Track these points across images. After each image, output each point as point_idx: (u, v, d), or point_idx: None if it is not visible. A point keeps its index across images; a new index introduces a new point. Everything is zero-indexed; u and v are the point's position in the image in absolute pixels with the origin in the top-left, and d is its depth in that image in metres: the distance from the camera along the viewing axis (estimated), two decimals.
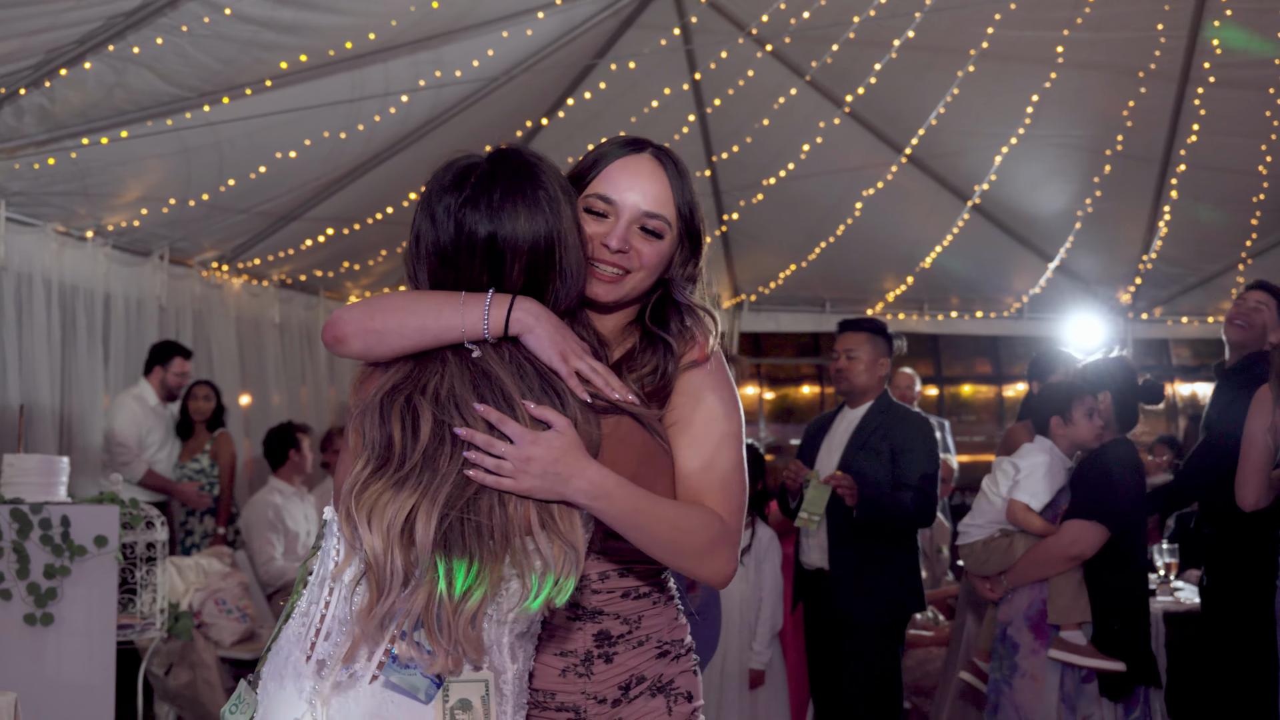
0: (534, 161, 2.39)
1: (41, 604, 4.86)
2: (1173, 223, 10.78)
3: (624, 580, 2.50)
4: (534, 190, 2.33)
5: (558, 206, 2.34)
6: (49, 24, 6.50)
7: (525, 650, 2.32)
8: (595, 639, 2.47)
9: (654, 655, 2.51)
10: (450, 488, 2.18)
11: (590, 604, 2.47)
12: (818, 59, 9.42)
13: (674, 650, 2.55)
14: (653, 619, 2.53)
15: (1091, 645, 5.15)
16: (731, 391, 2.55)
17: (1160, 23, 8.70)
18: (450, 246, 2.34)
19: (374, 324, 2.32)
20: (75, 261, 8.78)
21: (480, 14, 7.98)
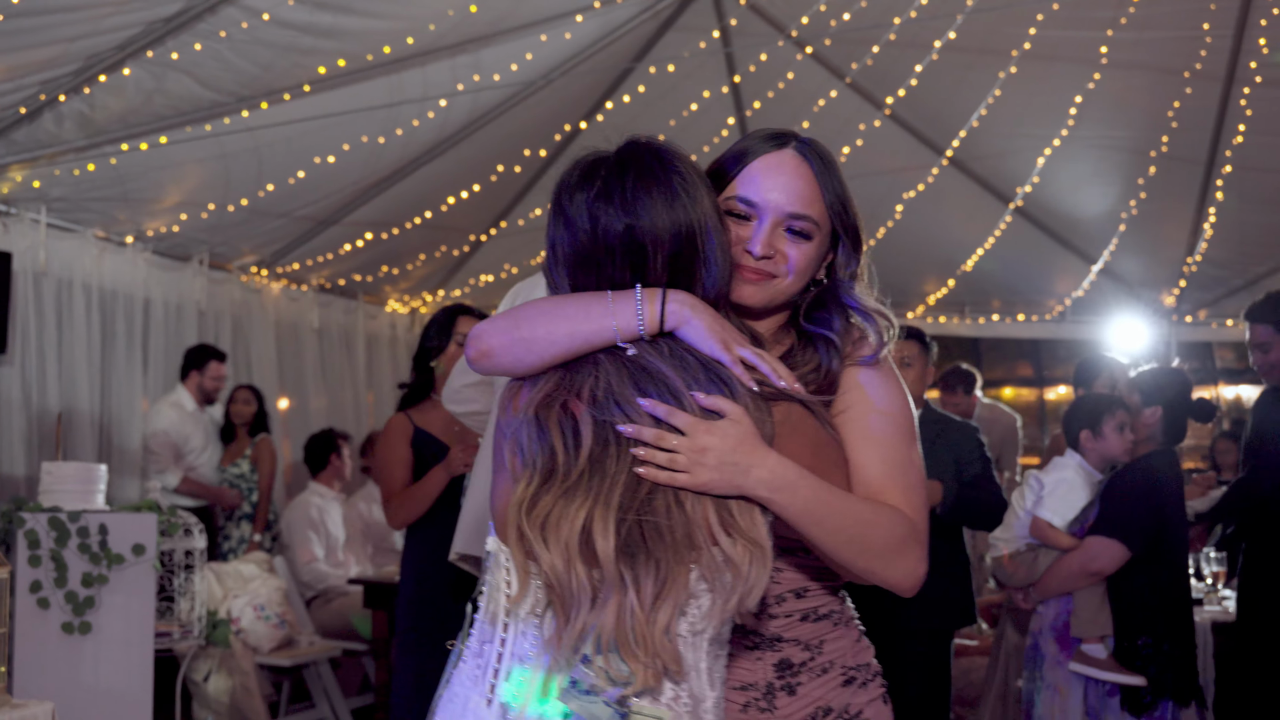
0: (664, 148, 2.22)
1: (79, 612, 4.86)
2: (1218, 224, 10.64)
3: (801, 601, 2.32)
4: (667, 177, 2.16)
5: (694, 191, 2.17)
6: (89, 30, 6.51)
7: (722, 675, 2.13)
8: (776, 669, 2.29)
9: (839, 683, 2.33)
10: (621, 491, 2.02)
11: (768, 630, 2.30)
12: (858, 61, 9.35)
13: (860, 676, 2.36)
14: (835, 642, 2.35)
15: (1113, 659, 5.08)
16: (904, 391, 2.39)
17: (1206, 22, 8.58)
18: (587, 245, 2.16)
19: (520, 334, 2.14)
20: (115, 267, 8.81)
21: (518, 17, 7.96)
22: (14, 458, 7.87)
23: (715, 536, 2.02)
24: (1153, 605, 5.08)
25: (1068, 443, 5.47)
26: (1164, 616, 5.09)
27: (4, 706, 3.98)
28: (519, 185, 10.57)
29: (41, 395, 8.13)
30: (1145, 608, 5.08)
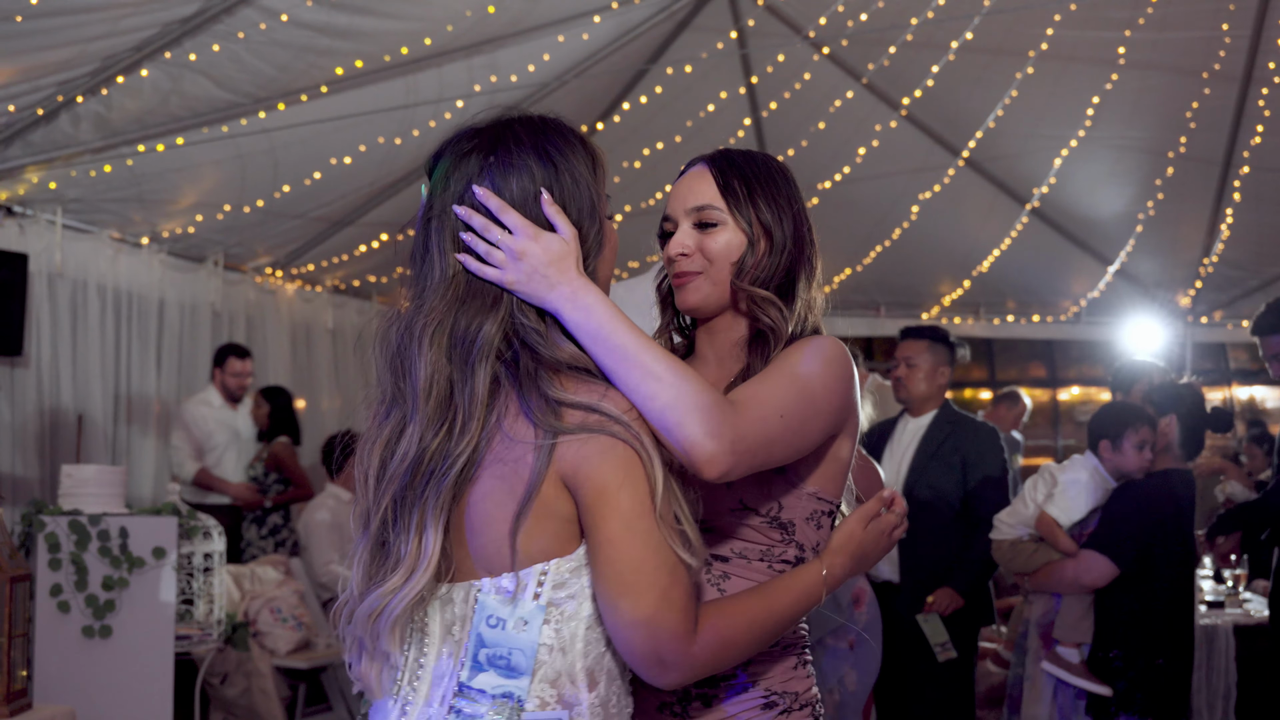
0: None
1: (100, 616, 4.84)
2: (1235, 225, 10.61)
3: None
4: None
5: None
6: (106, 31, 6.49)
7: (608, 671, 2.06)
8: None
9: (759, 705, 2.28)
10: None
11: None
12: (875, 61, 9.33)
13: (784, 703, 2.30)
14: (764, 665, 2.30)
15: (1084, 665, 5.07)
16: (824, 364, 2.25)
17: (1225, 22, 8.55)
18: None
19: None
20: (130, 268, 8.79)
21: (535, 18, 7.94)
22: (29, 459, 7.86)
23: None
24: (1135, 621, 5.07)
25: (1089, 445, 5.44)
26: (1146, 633, 5.06)
27: (25, 711, 3.97)
28: None
29: (56, 397, 8.11)
30: (1126, 622, 5.07)
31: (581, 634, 2.00)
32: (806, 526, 2.32)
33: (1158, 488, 5.18)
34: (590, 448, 1.95)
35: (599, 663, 2.03)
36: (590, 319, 2.02)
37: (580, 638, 2.00)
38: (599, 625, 2.01)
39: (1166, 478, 5.23)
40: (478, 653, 1.99)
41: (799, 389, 2.18)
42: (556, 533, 1.98)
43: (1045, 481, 5.42)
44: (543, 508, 1.96)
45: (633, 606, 1.93)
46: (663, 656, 1.96)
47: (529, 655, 1.98)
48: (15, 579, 3.90)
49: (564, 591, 1.98)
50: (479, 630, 1.99)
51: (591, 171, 2.13)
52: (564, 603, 1.99)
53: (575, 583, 1.99)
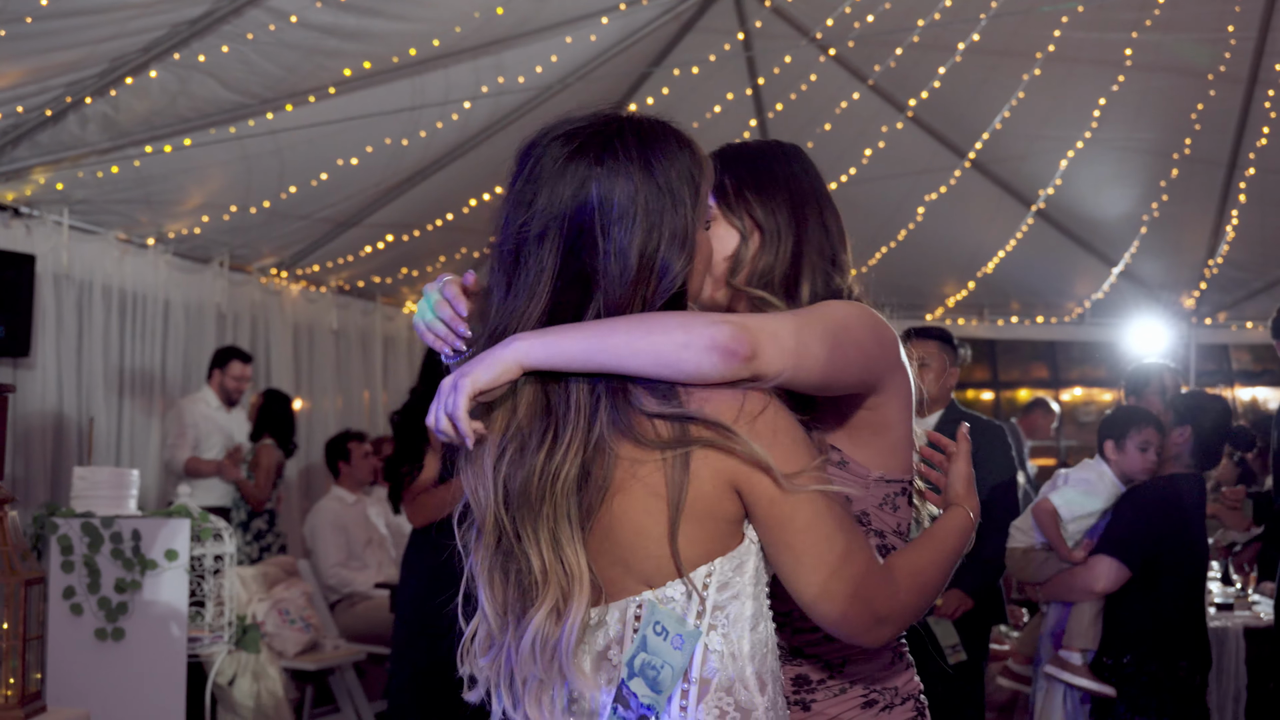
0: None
1: (112, 619, 4.83)
2: (1239, 227, 10.61)
3: None
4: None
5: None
6: (114, 32, 6.49)
7: (772, 673, 2.01)
8: (793, 683, 2.25)
9: (858, 705, 2.27)
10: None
11: (790, 643, 2.24)
12: (881, 63, 9.33)
13: (883, 699, 2.28)
14: (860, 664, 2.28)
15: (1087, 667, 5.08)
16: (847, 307, 2.18)
17: (1230, 24, 8.55)
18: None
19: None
20: (136, 269, 8.79)
21: (543, 19, 7.93)
22: (35, 461, 7.85)
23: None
24: (1146, 626, 5.06)
25: (1097, 448, 5.44)
26: (1158, 637, 5.05)
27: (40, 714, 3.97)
28: None
29: (63, 398, 8.11)
30: (1136, 627, 5.06)
31: (747, 637, 1.96)
32: (881, 513, 2.29)
33: (1164, 491, 5.17)
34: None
35: (764, 664, 1.98)
36: (560, 348, 1.89)
37: (746, 640, 1.96)
38: (759, 627, 1.98)
39: (1173, 482, 5.22)
40: (636, 657, 1.92)
41: (819, 314, 2.08)
42: (717, 534, 1.93)
43: (1055, 483, 5.43)
44: (704, 511, 1.91)
45: (842, 580, 1.92)
46: (879, 613, 1.95)
47: (676, 673, 1.91)
48: (28, 582, 3.89)
49: (728, 592, 1.94)
50: (645, 634, 1.91)
51: (692, 186, 1.99)
52: (728, 604, 1.94)
53: (738, 581, 1.95)
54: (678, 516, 1.88)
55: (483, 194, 9.93)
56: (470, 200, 10.02)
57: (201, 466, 8.56)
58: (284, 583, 7.29)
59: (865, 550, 1.97)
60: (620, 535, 1.92)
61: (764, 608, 2.01)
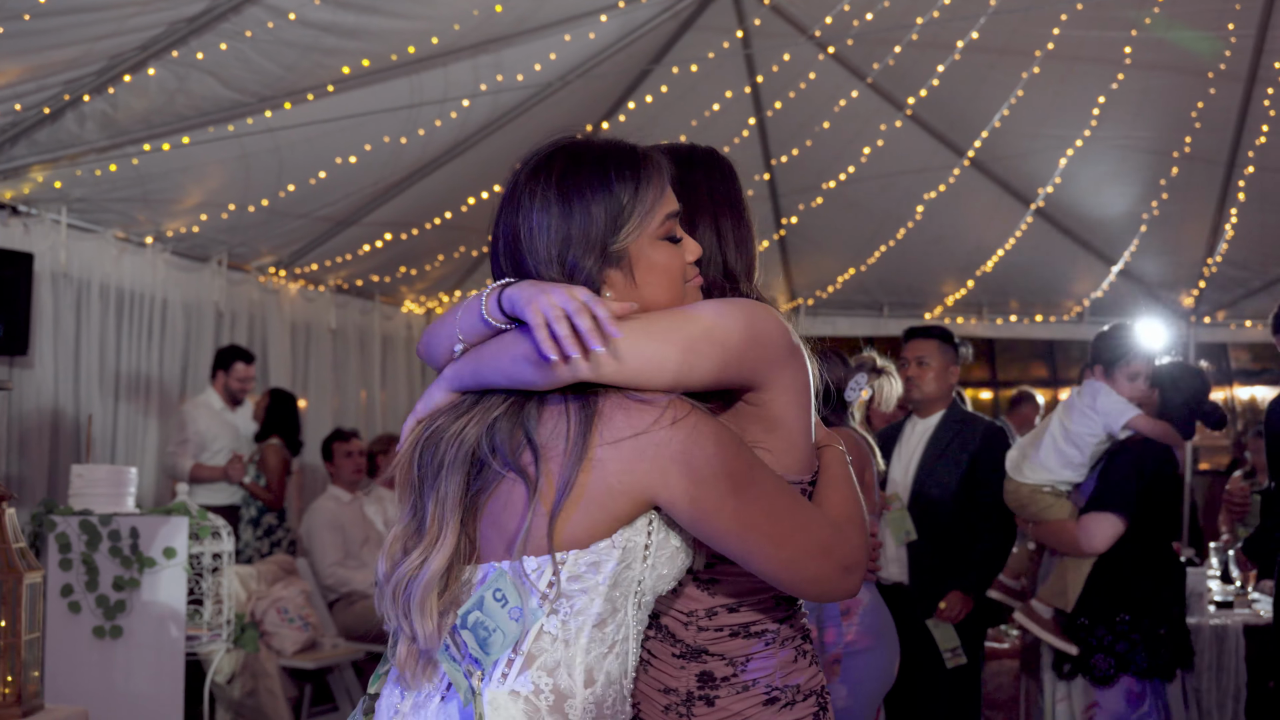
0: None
1: (110, 616, 4.83)
2: (1239, 225, 10.60)
3: (734, 616, 2.32)
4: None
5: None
6: (113, 30, 6.48)
7: (607, 673, 2.13)
8: (698, 679, 2.30)
9: (760, 701, 2.30)
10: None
11: (695, 641, 2.31)
12: (880, 61, 9.32)
13: (785, 697, 2.32)
14: (763, 660, 2.32)
15: (1054, 621, 5.08)
16: (720, 305, 2.22)
17: (1230, 22, 8.54)
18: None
19: (431, 335, 2.31)
20: (134, 268, 8.78)
21: (542, 17, 7.92)
22: (33, 459, 7.84)
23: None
24: (1137, 581, 5.10)
25: (1087, 366, 5.38)
26: (1144, 593, 5.11)
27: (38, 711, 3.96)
28: None
29: (61, 396, 8.10)
30: (1130, 583, 5.08)
31: (587, 631, 2.07)
32: None
33: (1149, 448, 5.20)
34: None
35: (599, 662, 2.09)
36: (457, 372, 2.15)
37: (585, 634, 2.07)
38: (606, 627, 2.09)
39: (1150, 443, 5.21)
40: (471, 612, 2.05)
41: (672, 317, 2.13)
42: (603, 522, 2.06)
43: (1086, 416, 5.30)
44: (596, 498, 2.05)
45: (805, 548, 2.12)
46: (844, 562, 2.15)
47: (506, 641, 2.03)
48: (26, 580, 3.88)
49: (577, 585, 2.04)
50: (484, 595, 2.05)
51: (612, 209, 2.13)
52: (576, 596, 2.05)
53: (590, 578, 2.05)
54: (562, 500, 2.01)
55: (481, 192, 9.92)
56: (469, 199, 10.01)
57: (206, 473, 8.57)
58: (282, 581, 7.28)
59: (809, 510, 2.15)
60: (508, 503, 2.06)
61: (624, 614, 2.12)
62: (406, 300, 12.27)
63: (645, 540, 2.09)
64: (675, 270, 2.19)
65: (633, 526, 2.07)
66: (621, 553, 2.06)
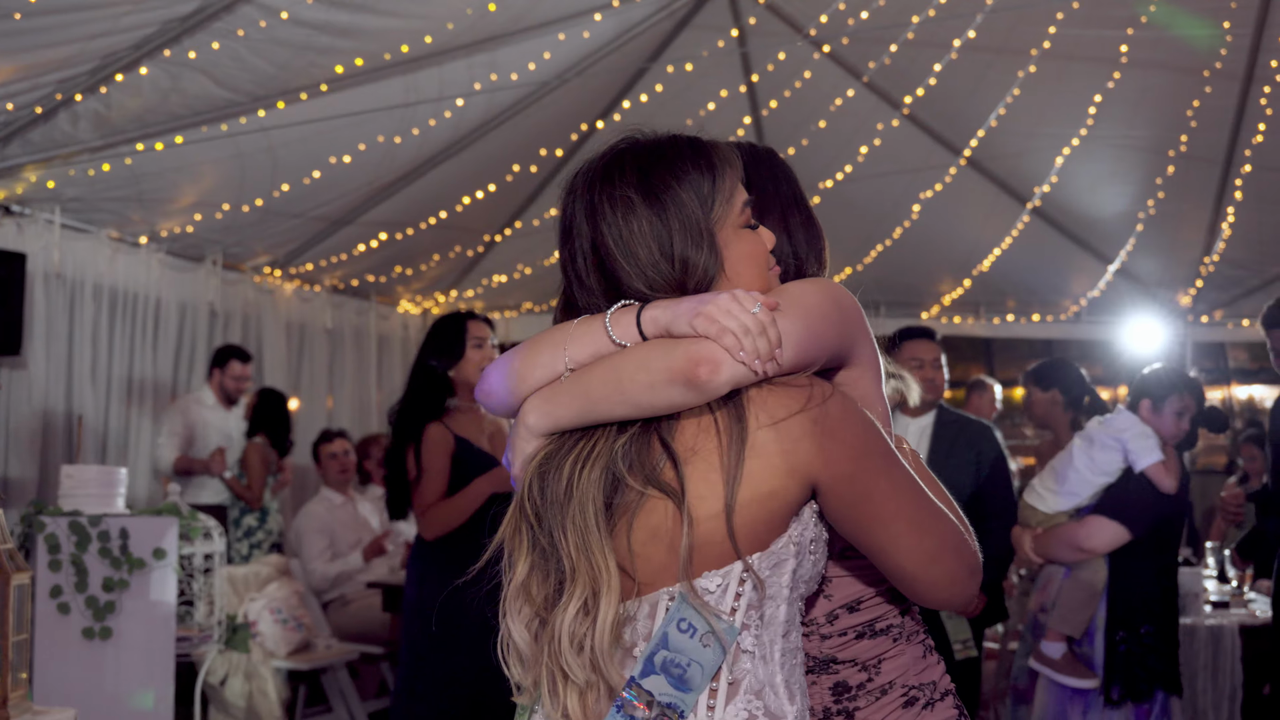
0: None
1: (100, 617, 4.81)
2: (1236, 224, 10.58)
3: (855, 616, 2.19)
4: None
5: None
6: (105, 29, 6.46)
7: (802, 686, 2.00)
8: (832, 692, 2.18)
9: (900, 704, 2.19)
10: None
11: (820, 652, 2.18)
12: (876, 60, 9.29)
13: (924, 696, 2.21)
14: (895, 659, 2.20)
15: (1069, 656, 5.06)
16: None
17: (1226, 20, 8.51)
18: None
19: (512, 365, 2.13)
20: (128, 268, 8.76)
21: (536, 16, 7.90)
22: (25, 460, 7.82)
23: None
24: (1155, 595, 5.11)
25: (1131, 403, 5.34)
26: (1163, 606, 5.13)
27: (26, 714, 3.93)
28: (534, 185, 10.52)
29: (54, 397, 8.08)
30: (1146, 596, 5.09)
31: (779, 642, 1.95)
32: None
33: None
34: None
35: (793, 675, 1.97)
36: (556, 417, 2.00)
37: (779, 646, 1.95)
38: (790, 635, 1.97)
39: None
40: (655, 654, 1.89)
41: (784, 297, 2.11)
42: (769, 522, 1.94)
43: (1108, 446, 5.26)
44: (764, 493, 1.93)
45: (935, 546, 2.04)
46: (972, 564, 2.07)
47: (707, 672, 1.89)
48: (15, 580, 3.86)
49: (765, 591, 1.92)
50: (667, 630, 1.89)
51: (698, 195, 2.04)
52: (764, 604, 1.93)
53: (775, 582, 1.94)
54: (734, 493, 1.89)
55: (476, 192, 9.91)
56: (464, 198, 9.99)
57: (189, 465, 8.54)
58: (276, 582, 7.26)
59: (940, 501, 2.07)
60: (659, 525, 1.93)
61: (796, 616, 2.00)
62: (403, 300, 12.26)
63: (813, 534, 1.99)
64: (761, 256, 2.11)
65: (800, 519, 1.96)
66: (797, 549, 1.95)
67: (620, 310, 2.00)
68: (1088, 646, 5.16)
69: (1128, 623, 5.08)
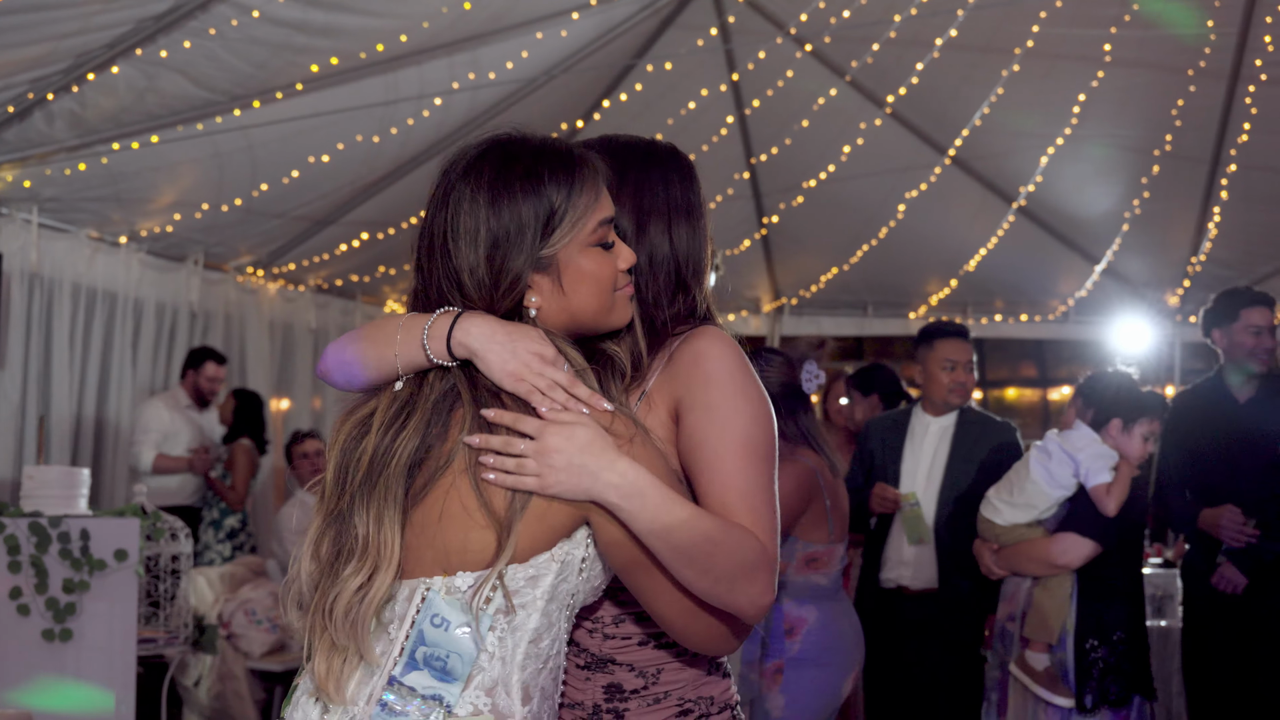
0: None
1: (60, 619, 4.79)
2: (1222, 224, 10.55)
3: (641, 625, 2.21)
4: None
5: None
6: (78, 28, 6.44)
7: (542, 689, 2.06)
8: (605, 691, 2.22)
9: (673, 714, 2.22)
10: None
11: (600, 650, 2.22)
12: (858, 59, 9.26)
13: (699, 709, 2.23)
14: (676, 672, 2.23)
15: (1051, 671, 5.01)
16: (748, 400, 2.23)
17: (1210, 19, 8.49)
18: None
19: (344, 354, 2.16)
20: (108, 267, 8.73)
21: (515, 16, 7.87)
22: (3, 461, 7.80)
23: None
24: (1124, 600, 5.08)
25: (1097, 420, 5.29)
26: (1134, 610, 5.12)
27: None
28: None
29: (33, 398, 8.06)
30: (1120, 603, 5.07)
31: (524, 647, 2.00)
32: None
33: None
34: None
35: (534, 679, 2.02)
36: (646, 506, 1.97)
37: (522, 649, 2.00)
38: (541, 642, 2.02)
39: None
40: (415, 650, 1.97)
41: (762, 461, 2.22)
42: (540, 536, 2.02)
43: (1064, 462, 5.24)
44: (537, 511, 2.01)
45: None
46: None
47: (466, 661, 1.96)
48: None
49: (516, 600, 1.98)
50: (422, 627, 1.97)
51: (544, 211, 2.08)
52: (515, 611, 1.99)
53: (528, 592, 1.99)
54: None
55: None
56: None
57: (170, 464, 8.50)
58: (251, 583, 7.24)
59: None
60: (444, 513, 2.00)
61: (558, 628, 2.05)
62: (390, 300, 12.23)
63: (584, 553, 2.04)
64: (605, 279, 2.13)
65: (572, 539, 2.02)
66: (560, 566, 2.01)
67: (439, 319, 2.06)
68: (1061, 651, 5.11)
69: (1099, 630, 5.05)
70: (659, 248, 2.29)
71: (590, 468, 1.94)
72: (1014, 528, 5.22)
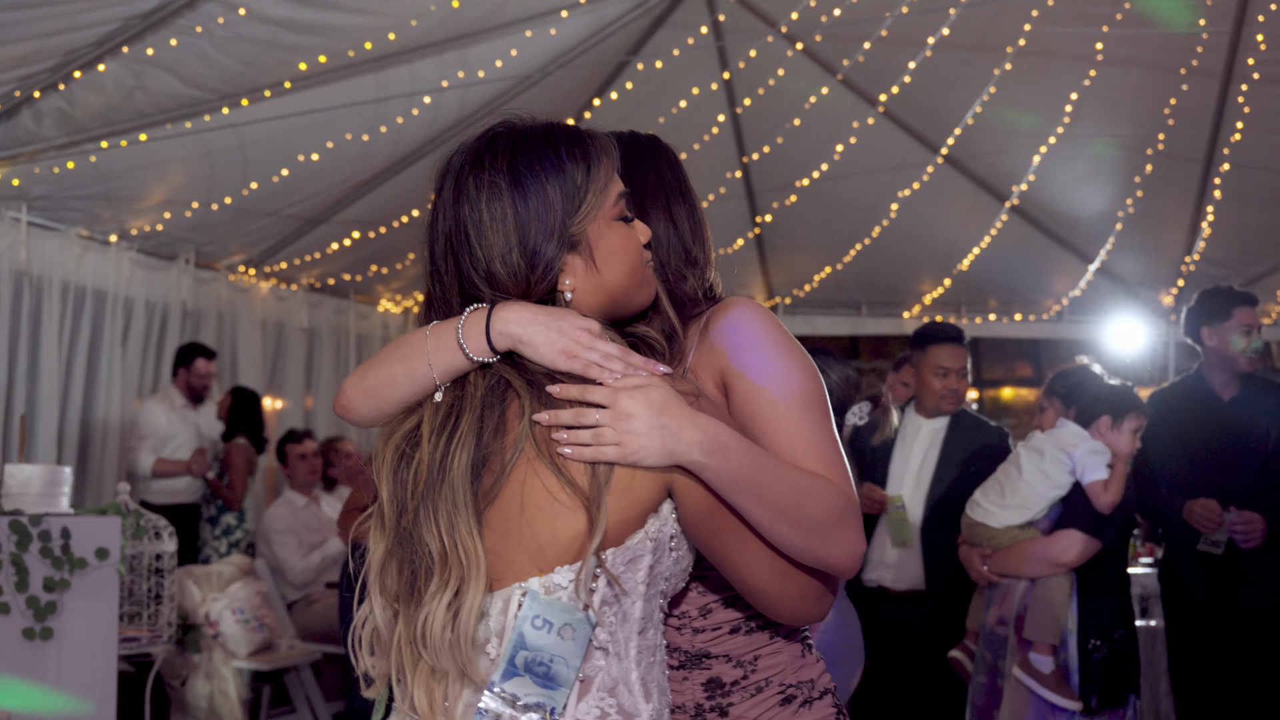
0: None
1: (41, 618, 4.76)
2: (1216, 223, 10.53)
3: (730, 611, 2.16)
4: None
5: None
6: (65, 26, 6.41)
7: (660, 685, 1.98)
8: (705, 688, 2.15)
9: (776, 702, 2.16)
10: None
11: (693, 646, 2.16)
12: (850, 57, 9.24)
13: (802, 694, 2.18)
14: (772, 657, 2.18)
15: (1058, 674, 4.98)
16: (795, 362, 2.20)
17: (1203, 18, 8.47)
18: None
19: (367, 383, 2.06)
20: (99, 266, 8.71)
21: (505, 14, 7.85)
22: None
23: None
24: (1121, 598, 5.12)
25: (1084, 418, 5.26)
26: (1128, 608, 5.15)
27: None
28: None
29: (22, 396, 8.04)
30: (1118, 601, 5.09)
31: (635, 640, 1.93)
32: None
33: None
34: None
35: (649, 673, 1.95)
36: (730, 460, 1.90)
37: (634, 642, 1.93)
38: (646, 633, 1.95)
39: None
40: (515, 654, 1.87)
41: (808, 413, 2.17)
42: (625, 517, 1.93)
43: (1059, 461, 5.23)
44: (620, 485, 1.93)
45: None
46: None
47: (572, 666, 1.87)
48: None
49: (618, 587, 1.91)
50: (522, 629, 1.86)
51: (568, 187, 2.04)
52: (618, 599, 1.91)
53: (630, 578, 1.92)
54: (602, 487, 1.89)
55: None
56: None
57: (169, 467, 8.50)
58: (239, 582, 7.22)
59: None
60: (525, 505, 1.91)
61: (655, 613, 1.97)
62: (383, 299, 12.20)
63: (673, 529, 1.97)
64: (634, 251, 2.10)
65: (659, 515, 1.94)
66: (654, 544, 1.94)
67: (472, 316, 1.99)
68: (1064, 653, 5.09)
69: (1101, 630, 5.03)
70: (663, 230, 2.29)
71: (671, 427, 1.87)
72: (1008, 530, 5.20)
